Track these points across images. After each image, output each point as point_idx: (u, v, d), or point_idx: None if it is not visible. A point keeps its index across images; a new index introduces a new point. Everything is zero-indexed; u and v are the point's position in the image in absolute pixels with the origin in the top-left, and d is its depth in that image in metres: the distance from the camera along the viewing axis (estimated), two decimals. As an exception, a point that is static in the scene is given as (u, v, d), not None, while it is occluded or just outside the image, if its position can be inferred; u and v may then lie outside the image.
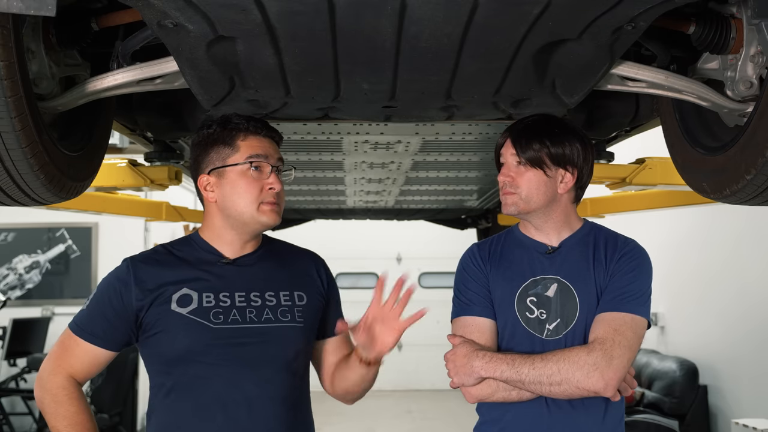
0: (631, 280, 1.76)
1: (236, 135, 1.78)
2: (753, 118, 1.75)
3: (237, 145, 1.77)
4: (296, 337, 1.79)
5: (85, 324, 1.75)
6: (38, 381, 1.76)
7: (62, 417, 1.70)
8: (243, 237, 1.81)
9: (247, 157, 1.76)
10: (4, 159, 1.58)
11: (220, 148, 1.78)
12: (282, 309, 1.79)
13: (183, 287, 1.74)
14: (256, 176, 1.76)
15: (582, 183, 1.85)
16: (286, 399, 1.75)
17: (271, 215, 1.77)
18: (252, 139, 1.78)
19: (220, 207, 1.78)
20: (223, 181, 1.77)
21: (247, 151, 1.76)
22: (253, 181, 1.75)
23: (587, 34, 1.56)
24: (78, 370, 1.75)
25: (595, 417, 1.75)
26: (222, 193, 1.77)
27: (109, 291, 1.76)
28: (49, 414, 1.72)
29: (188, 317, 1.71)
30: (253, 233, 1.82)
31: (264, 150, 1.78)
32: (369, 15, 1.44)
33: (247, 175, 1.76)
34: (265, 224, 1.78)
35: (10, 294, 7.78)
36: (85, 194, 2.43)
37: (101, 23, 1.81)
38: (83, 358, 1.75)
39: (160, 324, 1.72)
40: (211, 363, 1.70)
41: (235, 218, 1.77)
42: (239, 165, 1.75)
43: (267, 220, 1.77)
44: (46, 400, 1.73)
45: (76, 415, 1.71)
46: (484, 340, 1.79)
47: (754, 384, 5.46)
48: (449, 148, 3.01)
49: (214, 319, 1.72)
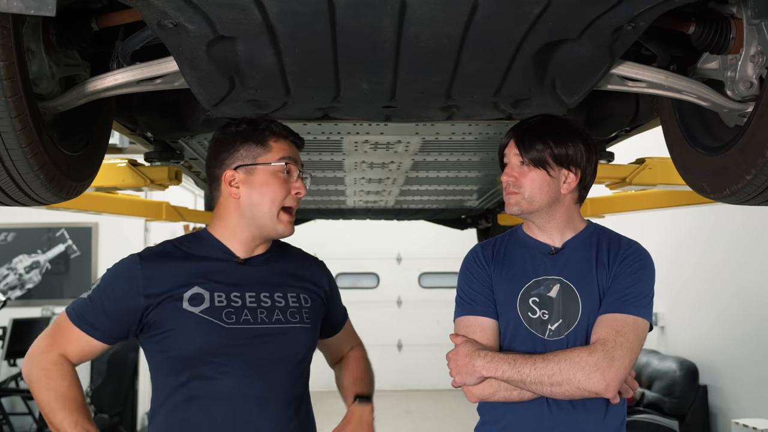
0: (634, 281, 1.76)
1: (268, 136, 1.80)
2: (753, 118, 1.75)
3: (269, 145, 1.79)
4: (304, 339, 1.81)
5: (84, 314, 1.73)
6: (28, 357, 1.73)
7: (52, 390, 1.67)
8: (256, 240, 1.82)
9: (281, 158, 1.78)
10: (4, 159, 1.58)
11: (251, 146, 1.78)
12: (291, 310, 1.79)
13: (194, 286, 1.73)
14: (285, 179, 1.78)
15: (585, 183, 1.85)
16: (293, 399, 1.77)
17: (287, 227, 1.80)
18: (283, 142, 1.81)
19: (243, 204, 1.78)
20: (252, 179, 1.77)
21: (280, 153, 1.79)
22: (284, 183, 1.78)
23: (587, 34, 1.56)
24: (71, 353, 1.72)
25: (596, 417, 1.75)
26: (248, 191, 1.77)
27: (113, 285, 1.74)
28: (38, 386, 1.68)
29: (201, 316, 1.70)
30: (266, 238, 1.83)
31: (293, 154, 1.82)
32: (369, 15, 1.44)
33: (278, 176, 1.77)
34: (280, 234, 1.81)
35: (10, 294, 7.78)
36: (85, 194, 2.43)
37: (101, 23, 1.81)
38: (76, 345, 1.73)
39: (170, 322, 1.70)
40: (222, 363, 1.69)
41: (255, 219, 1.78)
42: (273, 165, 1.77)
43: (283, 230, 1.80)
44: (34, 372, 1.69)
45: (67, 389, 1.68)
46: (486, 340, 1.79)
47: (754, 384, 5.46)
48: (449, 148, 3.01)
49: (226, 319, 1.71)
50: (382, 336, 9.87)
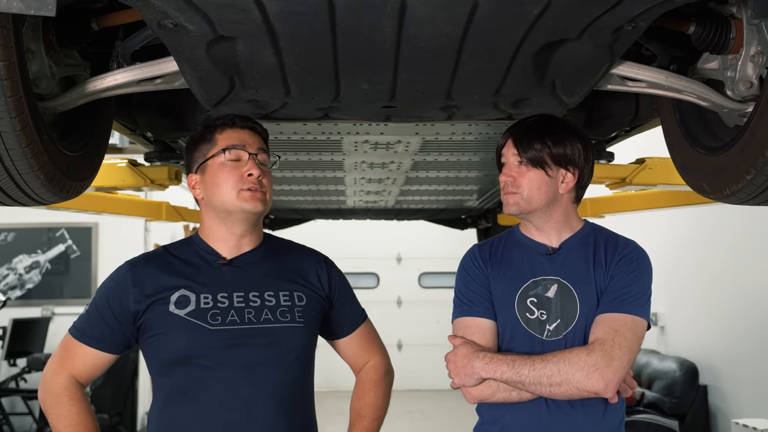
0: (632, 281, 1.76)
1: (214, 130, 1.81)
2: (753, 118, 1.75)
3: (215, 139, 1.80)
4: (296, 338, 1.78)
5: (85, 328, 1.76)
6: (41, 383, 1.77)
7: (63, 417, 1.71)
8: (234, 230, 1.81)
9: (224, 147, 1.78)
10: (4, 159, 1.58)
11: (202, 146, 1.81)
12: (281, 309, 1.78)
13: (181, 288, 1.74)
14: (234, 165, 1.77)
15: (583, 183, 1.85)
16: (285, 400, 1.74)
17: (252, 202, 1.76)
18: (229, 131, 1.81)
19: (207, 202, 1.81)
20: (205, 176, 1.80)
21: (223, 143, 1.79)
22: (232, 170, 1.77)
23: (587, 34, 1.56)
24: (81, 372, 1.76)
25: (595, 417, 1.75)
26: (205, 187, 1.80)
27: (107, 295, 1.77)
28: (51, 414, 1.73)
29: (186, 319, 1.71)
30: (242, 224, 1.80)
31: (241, 140, 1.80)
32: (369, 15, 1.44)
33: (226, 165, 1.77)
34: (248, 211, 1.77)
35: (10, 294, 7.78)
36: (85, 194, 2.43)
37: (101, 23, 1.81)
38: (85, 361, 1.76)
39: (158, 326, 1.72)
40: (208, 365, 1.69)
41: (220, 209, 1.78)
42: (216, 156, 1.78)
43: (249, 206, 1.76)
44: (48, 400, 1.74)
45: (77, 416, 1.71)
46: (485, 341, 1.79)
47: (754, 384, 5.46)
48: (449, 148, 3.01)
49: (211, 320, 1.71)
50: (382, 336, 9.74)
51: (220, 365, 1.69)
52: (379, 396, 1.97)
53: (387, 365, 2.02)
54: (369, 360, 2.00)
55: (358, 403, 1.97)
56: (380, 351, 2.02)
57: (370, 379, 1.98)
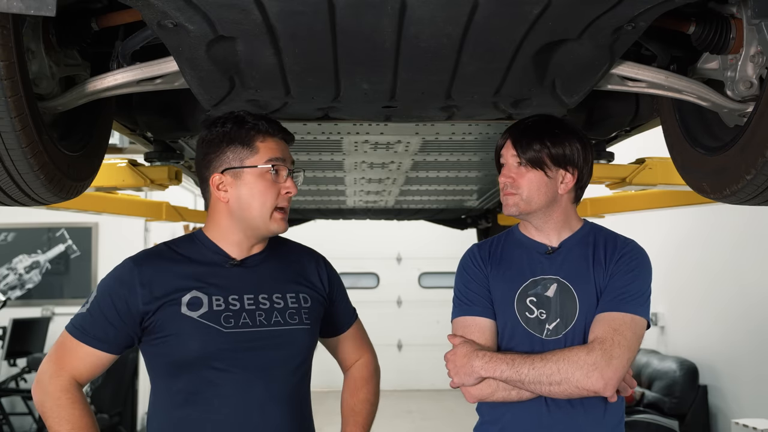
0: (631, 280, 1.76)
1: (255, 136, 1.75)
2: (753, 118, 1.75)
3: (256, 146, 1.74)
4: (304, 340, 1.79)
5: (86, 327, 1.70)
6: (38, 384, 1.71)
7: (65, 421, 1.66)
8: (250, 240, 1.79)
9: (268, 159, 1.74)
10: (4, 159, 1.58)
11: (237, 148, 1.74)
12: (290, 311, 1.78)
13: (192, 290, 1.71)
14: (274, 179, 1.74)
15: (582, 183, 1.85)
16: (293, 400, 1.75)
17: (281, 224, 1.77)
18: (270, 141, 1.76)
19: (232, 208, 1.76)
20: (239, 183, 1.74)
21: (267, 154, 1.74)
22: (271, 185, 1.74)
23: (587, 34, 1.56)
24: (81, 372, 1.70)
25: (595, 416, 1.75)
26: (237, 194, 1.74)
27: (111, 293, 1.71)
28: (51, 418, 1.67)
29: (199, 321, 1.68)
30: (259, 238, 1.80)
31: (282, 153, 1.77)
32: (369, 15, 1.44)
33: (266, 178, 1.73)
34: (273, 232, 1.78)
35: (10, 294, 7.78)
36: (85, 194, 2.43)
37: (101, 23, 1.81)
38: (87, 361, 1.70)
39: (169, 327, 1.68)
40: (222, 367, 1.68)
41: (247, 221, 1.75)
42: (260, 167, 1.73)
43: (277, 228, 1.77)
44: (47, 404, 1.68)
45: (79, 419, 1.66)
46: (485, 341, 1.79)
47: (754, 384, 5.46)
48: (449, 148, 3.01)
49: (225, 323, 1.70)
50: (382, 336, 9.83)
51: (233, 368, 1.68)
52: (371, 392, 2.00)
53: (376, 362, 2.05)
54: (360, 357, 2.02)
55: (351, 399, 1.97)
56: (370, 348, 2.05)
57: (362, 376, 2.00)
